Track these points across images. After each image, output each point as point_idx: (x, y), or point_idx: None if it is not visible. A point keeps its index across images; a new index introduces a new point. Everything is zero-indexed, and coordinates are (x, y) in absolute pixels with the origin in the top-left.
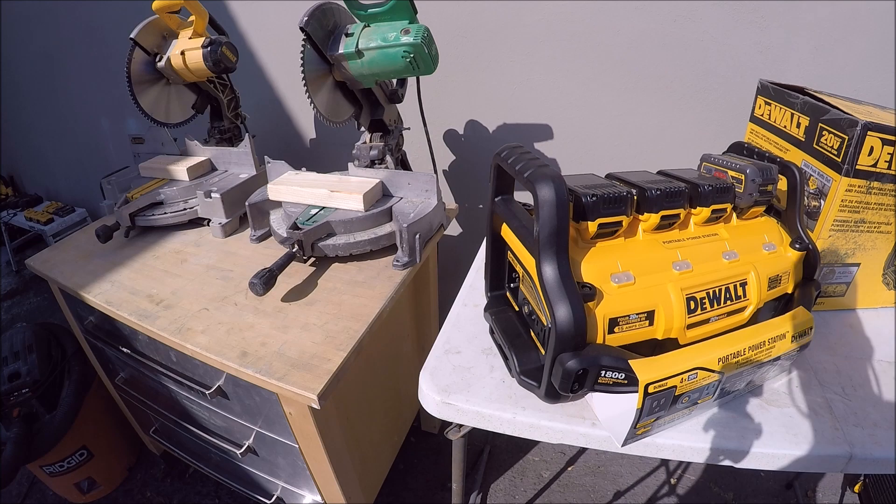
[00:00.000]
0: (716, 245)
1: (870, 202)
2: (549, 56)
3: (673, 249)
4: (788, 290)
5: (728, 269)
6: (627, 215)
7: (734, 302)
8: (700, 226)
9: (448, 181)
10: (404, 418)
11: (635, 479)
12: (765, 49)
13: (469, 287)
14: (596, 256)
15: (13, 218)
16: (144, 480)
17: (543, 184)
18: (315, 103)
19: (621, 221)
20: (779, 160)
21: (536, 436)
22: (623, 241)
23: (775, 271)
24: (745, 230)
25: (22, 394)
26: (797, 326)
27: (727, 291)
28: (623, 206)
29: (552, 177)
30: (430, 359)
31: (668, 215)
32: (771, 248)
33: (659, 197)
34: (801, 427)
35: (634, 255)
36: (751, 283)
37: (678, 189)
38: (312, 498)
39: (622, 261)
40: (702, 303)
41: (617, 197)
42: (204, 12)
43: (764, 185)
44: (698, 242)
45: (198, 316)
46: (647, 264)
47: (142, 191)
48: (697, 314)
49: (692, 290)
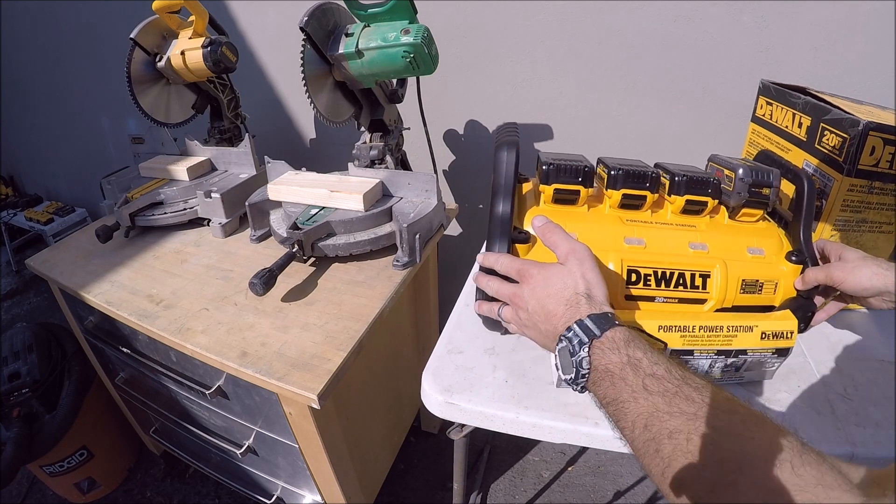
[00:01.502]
0: (686, 234)
1: (871, 202)
2: (549, 56)
3: (632, 226)
4: (774, 302)
5: (691, 257)
6: (585, 187)
7: (688, 290)
8: (678, 215)
9: (448, 181)
10: (404, 418)
11: (635, 479)
12: (765, 49)
13: (470, 287)
14: (548, 215)
15: (13, 218)
16: (144, 480)
17: (499, 148)
18: (315, 103)
19: (578, 191)
20: (792, 168)
21: (539, 435)
22: (585, 211)
23: (754, 276)
24: (731, 230)
25: (22, 394)
26: (772, 325)
27: (681, 277)
28: (578, 177)
29: (507, 143)
30: (432, 359)
31: (631, 195)
32: (757, 252)
33: (621, 176)
34: (802, 426)
35: (588, 223)
36: (715, 277)
37: (642, 172)
38: (312, 498)
39: (574, 224)
40: (646, 278)
41: (573, 168)
42: (204, 12)
43: (756, 186)
44: (666, 228)
45: (198, 316)
46: (597, 233)
47: (142, 191)
48: (639, 287)
49: (637, 265)
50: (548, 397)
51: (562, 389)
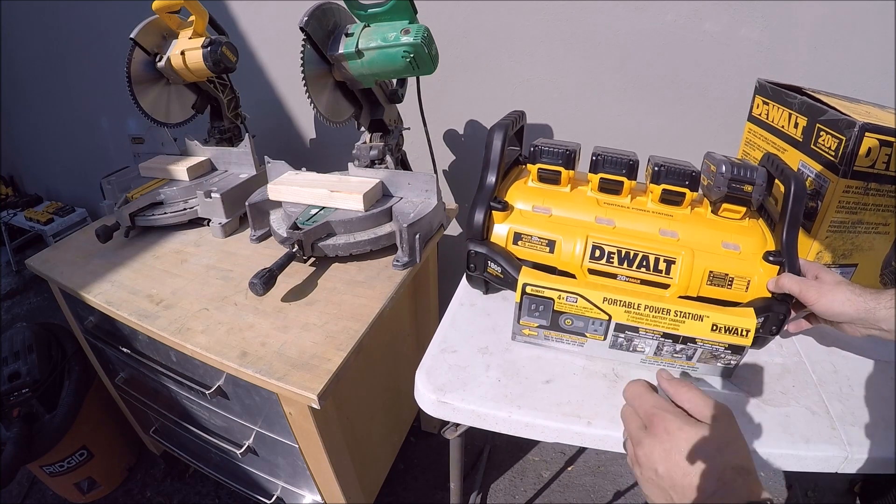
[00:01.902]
0: (659, 220)
1: (867, 203)
2: (549, 56)
3: (606, 208)
4: (744, 299)
5: (659, 242)
6: (567, 168)
7: (650, 272)
8: (657, 203)
9: (448, 181)
10: (404, 418)
11: (635, 479)
12: (765, 49)
13: (465, 286)
14: (531, 190)
15: (13, 218)
16: (144, 480)
17: (492, 130)
18: (315, 103)
19: (559, 171)
20: (784, 170)
21: (532, 434)
22: (567, 191)
23: (723, 270)
24: (710, 223)
25: (22, 394)
26: (726, 319)
27: (644, 259)
28: (560, 159)
29: (498, 125)
30: (426, 358)
31: (608, 179)
32: (733, 247)
33: (600, 161)
34: (798, 427)
35: (566, 201)
36: (679, 264)
37: (620, 159)
38: (312, 498)
39: (552, 199)
40: (609, 256)
41: (556, 151)
42: (204, 12)
43: (736, 181)
44: (641, 213)
45: (198, 316)
46: (572, 210)
47: (142, 191)
48: (601, 263)
49: (602, 241)
50: (540, 396)
51: (556, 388)
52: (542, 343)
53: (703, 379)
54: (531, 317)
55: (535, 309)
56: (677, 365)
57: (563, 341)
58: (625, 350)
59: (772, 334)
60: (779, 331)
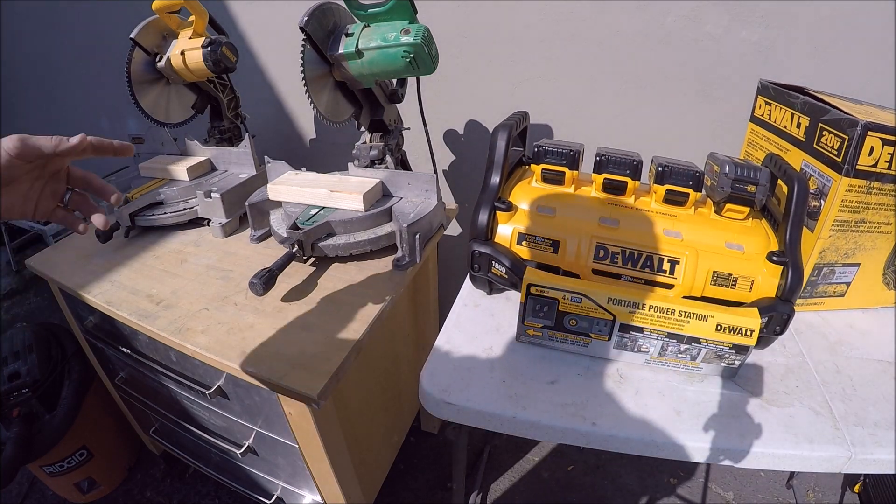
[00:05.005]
0: (663, 221)
1: (870, 202)
2: (548, 56)
3: (610, 208)
4: (748, 299)
5: (663, 242)
6: (570, 169)
7: (654, 273)
8: (661, 203)
9: (448, 181)
10: (404, 418)
11: (635, 479)
12: (765, 49)
13: (469, 287)
14: (535, 191)
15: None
16: (144, 480)
17: (495, 131)
18: (315, 103)
19: (563, 172)
20: (787, 170)
21: (537, 435)
22: (572, 191)
23: (727, 270)
24: (714, 223)
25: (22, 394)
26: (730, 319)
27: (649, 259)
28: (564, 160)
29: (502, 126)
30: (430, 358)
31: (612, 180)
32: (736, 248)
33: (605, 162)
34: (801, 427)
35: (570, 201)
36: (683, 264)
37: (624, 160)
38: (312, 498)
39: (556, 201)
40: (613, 256)
41: (560, 152)
42: (204, 12)
43: (740, 182)
44: (645, 213)
45: (198, 316)
46: (576, 210)
47: (142, 191)
48: (606, 264)
49: (606, 242)
50: (545, 397)
51: (561, 388)
52: (546, 344)
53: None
54: (536, 317)
55: (540, 309)
56: (681, 365)
57: (568, 342)
58: (629, 350)
59: (776, 334)
60: (782, 331)
